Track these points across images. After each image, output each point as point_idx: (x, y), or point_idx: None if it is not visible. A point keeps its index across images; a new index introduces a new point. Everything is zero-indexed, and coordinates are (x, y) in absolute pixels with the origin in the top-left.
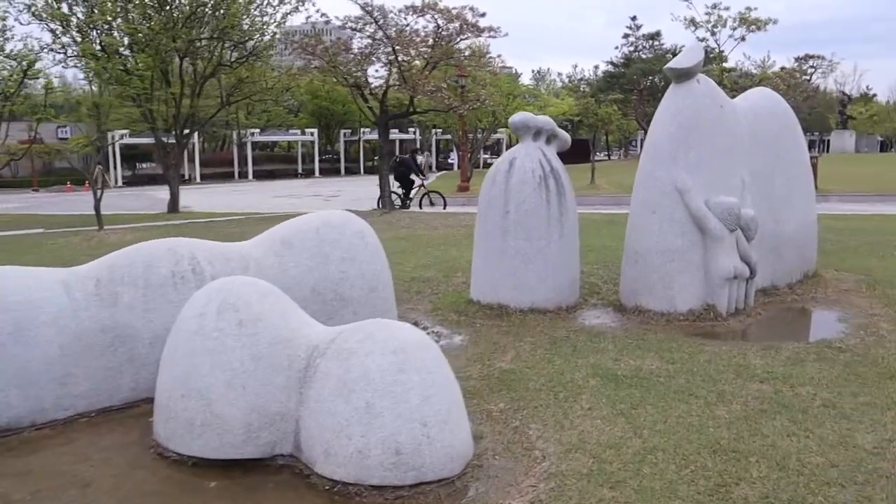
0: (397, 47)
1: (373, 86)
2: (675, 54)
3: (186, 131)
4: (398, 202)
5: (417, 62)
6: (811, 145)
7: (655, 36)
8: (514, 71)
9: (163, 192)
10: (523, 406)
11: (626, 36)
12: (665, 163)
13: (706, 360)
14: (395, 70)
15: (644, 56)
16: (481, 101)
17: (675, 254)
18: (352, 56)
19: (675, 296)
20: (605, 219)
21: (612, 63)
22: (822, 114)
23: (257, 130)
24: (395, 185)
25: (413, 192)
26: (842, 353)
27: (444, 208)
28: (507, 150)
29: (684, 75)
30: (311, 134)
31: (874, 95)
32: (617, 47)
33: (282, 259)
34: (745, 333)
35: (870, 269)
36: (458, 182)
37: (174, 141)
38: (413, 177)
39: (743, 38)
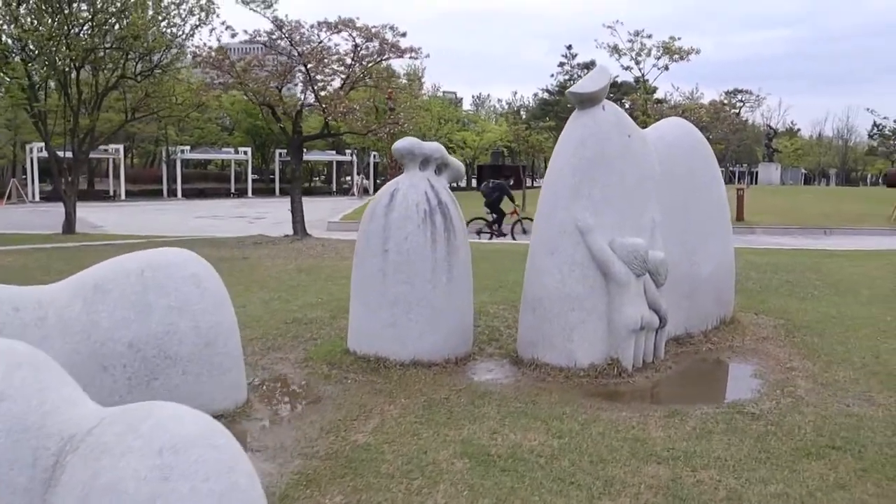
0: (310, 65)
1: (286, 105)
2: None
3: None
4: (485, 230)
5: (336, 82)
6: (739, 177)
7: (590, 65)
8: (455, 96)
9: (80, 210)
10: (364, 501)
11: (561, 64)
12: (565, 198)
13: (599, 432)
14: (310, 89)
15: None
16: (399, 125)
17: (575, 301)
18: (265, 73)
19: (576, 349)
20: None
21: (547, 91)
22: (751, 146)
23: (188, 147)
24: (486, 212)
25: (505, 219)
26: (755, 421)
27: None
28: None
29: (588, 100)
30: (245, 153)
31: (798, 130)
32: (552, 75)
33: (92, 308)
34: (652, 393)
35: (789, 313)
36: None
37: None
38: (504, 205)
39: (667, 68)
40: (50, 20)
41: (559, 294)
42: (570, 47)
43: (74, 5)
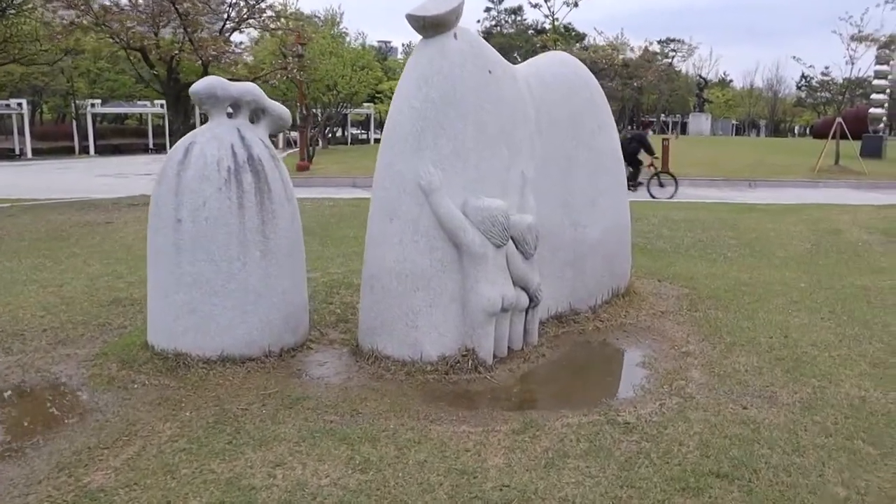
0: (184, 4)
1: (162, 49)
2: (537, 31)
3: None
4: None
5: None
6: (672, 127)
7: (517, 11)
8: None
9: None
10: None
11: (487, 10)
12: (405, 151)
13: (420, 460)
14: (182, 31)
15: (505, 31)
16: (287, 70)
17: (420, 279)
18: (136, 13)
19: (422, 337)
20: None
21: None
22: (683, 96)
23: (98, 101)
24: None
25: (641, 173)
26: (627, 434)
27: (676, 191)
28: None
29: (433, 26)
30: (161, 106)
31: (730, 81)
32: (479, 21)
33: None
34: (511, 393)
35: (695, 279)
36: (297, 161)
37: None
38: (642, 156)
39: (576, 4)
40: None
41: (400, 270)
42: None
43: None
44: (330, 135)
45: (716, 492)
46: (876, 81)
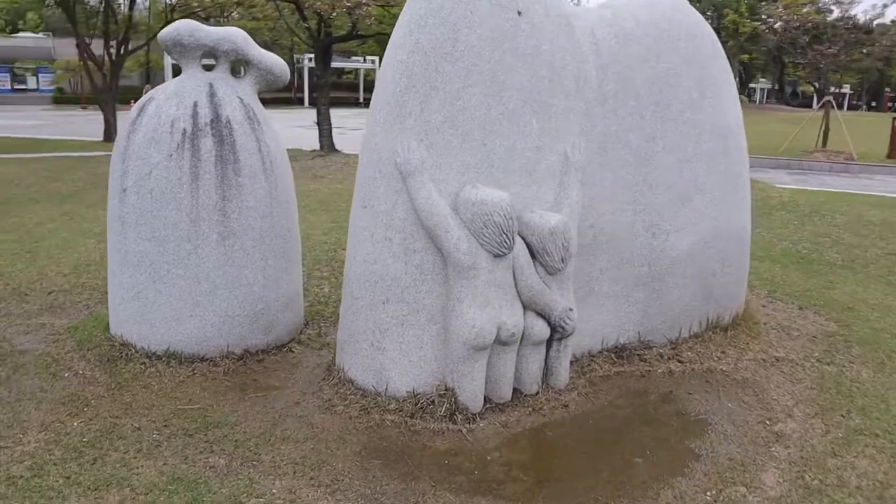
0: None
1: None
2: None
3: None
4: None
5: None
6: None
7: None
8: None
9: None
10: None
11: None
12: (385, 119)
13: None
14: None
15: None
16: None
17: (391, 288)
18: None
19: (389, 364)
20: None
21: None
22: None
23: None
24: None
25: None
26: None
27: None
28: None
29: None
30: (372, 62)
31: None
32: None
33: None
34: (480, 464)
35: (855, 312)
36: None
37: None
38: None
39: None
40: None
41: (368, 274)
42: None
43: None
44: None
45: None
46: None
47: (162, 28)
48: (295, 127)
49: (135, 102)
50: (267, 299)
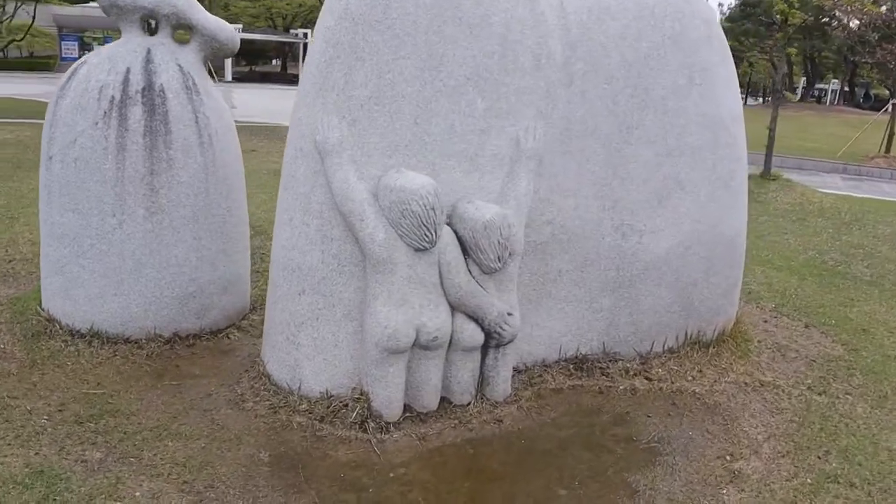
0: None
1: None
2: None
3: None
4: None
5: None
6: None
7: None
8: None
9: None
10: None
11: None
12: (310, 93)
13: None
14: None
15: None
16: None
17: (307, 278)
18: None
19: (304, 361)
20: None
21: None
22: None
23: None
24: None
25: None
26: None
27: None
28: None
29: None
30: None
31: None
32: None
33: None
34: (378, 483)
35: (870, 334)
36: None
37: None
38: None
39: None
40: None
41: (286, 260)
42: None
43: None
44: None
45: None
46: None
47: None
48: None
49: None
50: (200, 281)
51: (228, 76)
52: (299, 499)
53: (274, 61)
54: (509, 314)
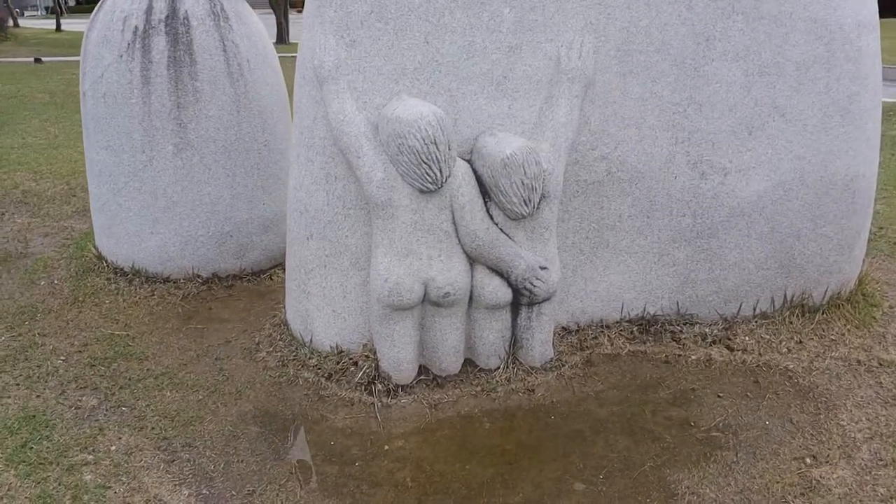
0: None
1: None
2: None
3: None
4: None
5: None
6: None
7: None
8: None
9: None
10: None
11: None
12: (311, 10)
13: None
14: None
15: None
16: None
17: (314, 221)
18: None
19: (314, 312)
20: None
21: None
22: None
23: None
24: None
25: None
26: None
27: None
28: None
29: None
30: None
31: None
32: None
33: None
34: (369, 456)
35: None
36: None
37: None
38: None
39: None
40: None
41: (295, 202)
42: None
43: None
44: None
45: None
46: None
47: None
48: None
49: None
50: (236, 220)
51: None
52: (275, 467)
53: None
54: (542, 268)
